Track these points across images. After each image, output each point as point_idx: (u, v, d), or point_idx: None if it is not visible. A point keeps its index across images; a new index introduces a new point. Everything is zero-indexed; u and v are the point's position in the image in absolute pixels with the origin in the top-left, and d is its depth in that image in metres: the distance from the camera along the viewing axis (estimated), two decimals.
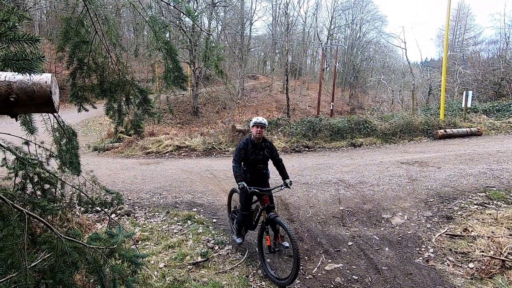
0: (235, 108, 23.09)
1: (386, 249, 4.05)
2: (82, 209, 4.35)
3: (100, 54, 2.58)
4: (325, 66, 30.63)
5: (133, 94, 2.65)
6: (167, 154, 11.20)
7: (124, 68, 2.73)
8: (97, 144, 13.50)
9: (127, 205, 5.37)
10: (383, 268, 3.62)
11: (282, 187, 3.72)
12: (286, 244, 3.73)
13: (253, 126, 3.81)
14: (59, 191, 3.19)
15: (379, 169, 7.35)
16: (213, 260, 3.71)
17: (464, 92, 13.98)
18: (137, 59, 21.23)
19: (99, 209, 4.38)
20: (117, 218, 4.87)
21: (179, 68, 2.17)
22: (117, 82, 2.63)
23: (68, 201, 3.70)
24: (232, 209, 4.50)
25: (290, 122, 13.23)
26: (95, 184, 3.42)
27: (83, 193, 3.27)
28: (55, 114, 2.27)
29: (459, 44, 35.56)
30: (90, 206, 3.45)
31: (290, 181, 3.79)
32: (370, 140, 11.75)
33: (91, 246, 1.94)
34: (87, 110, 2.91)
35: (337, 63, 26.39)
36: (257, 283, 3.33)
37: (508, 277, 3.23)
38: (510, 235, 3.88)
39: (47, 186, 2.88)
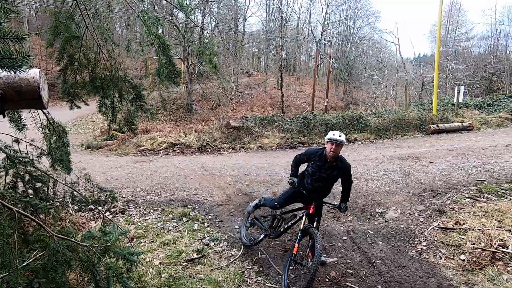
0: (230, 105, 23.00)
1: (380, 243, 4.10)
2: (75, 207, 4.29)
3: (92, 50, 2.53)
4: (319, 62, 30.64)
5: (126, 90, 2.61)
6: (161, 152, 11.12)
7: (116, 64, 2.69)
8: (90, 142, 13.34)
9: (121, 203, 5.33)
10: (377, 261, 3.67)
11: (334, 207, 3.47)
12: (323, 259, 3.46)
13: (327, 141, 3.30)
14: (51, 190, 3.15)
15: (373, 164, 7.42)
16: (208, 256, 3.71)
17: (456, 87, 14.13)
18: (129, 55, 20.97)
19: (93, 207, 4.34)
20: (111, 216, 4.83)
21: (172, 63, 2.13)
22: (109, 78, 2.59)
23: (60, 199, 3.66)
24: (254, 216, 4.12)
25: (285, 118, 13.24)
26: (88, 182, 3.38)
27: (76, 191, 3.23)
28: (44, 110, 2.23)
29: (451, 40, 35.86)
30: (83, 204, 3.41)
31: (346, 207, 3.43)
32: (364, 135, 11.83)
33: (85, 244, 1.92)
34: (79, 107, 2.86)
35: (331, 59, 26.44)
36: (252, 278, 3.34)
37: (498, 268, 3.30)
38: (500, 227, 3.96)
39: (38, 184, 2.84)
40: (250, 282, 3.27)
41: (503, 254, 3.43)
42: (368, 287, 3.24)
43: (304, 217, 3.39)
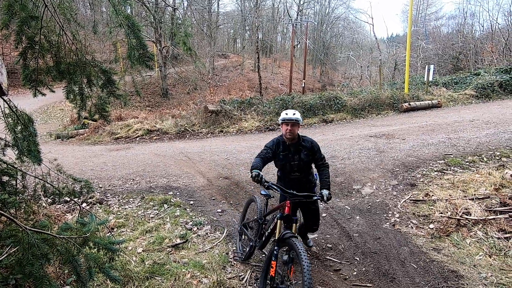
0: (207, 89, 22.51)
1: (357, 217, 4.31)
2: (49, 200, 4.12)
3: (53, 32, 2.35)
4: (295, 43, 30.48)
5: (95, 75, 2.47)
6: (137, 139, 10.80)
7: (82, 47, 2.52)
8: (59, 131, 12.66)
9: (98, 193, 5.18)
10: (354, 235, 3.87)
11: (315, 198, 2.76)
12: (310, 243, 3.24)
13: (281, 123, 2.95)
14: (20, 183, 2.99)
15: (349, 143, 7.65)
16: (192, 241, 3.73)
17: (426, 66, 14.64)
18: (96, 37, 19.71)
19: (68, 199, 4.19)
20: (88, 207, 4.70)
21: (144, 45, 2.02)
22: (75, 63, 2.42)
23: (32, 192, 3.49)
24: (244, 221, 3.61)
25: (263, 101, 13.19)
26: (61, 173, 3.23)
27: (48, 183, 3.09)
28: (5, 97, 2.07)
29: (422, 20, 36.80)
30: (57, 196, 3.27)
31: (329, 194, 2.75)
32: (341, 115, 12.10)
33: (62, 236, 1.86)
34: (44, 95, 2.67)
35: (308, 39, 26.34)
36: (237, 258, 3.42)
37: (462, 234, 3.60)
38: (465, 196, 4.28)
39: (5, 178, 2.68)
40: (235, 263, 3.35)
41: (466, 221, 3.73)
42: (346, 259, 3.42)
43: (277, 222, 2.66)
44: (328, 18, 38.69)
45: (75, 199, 3.56)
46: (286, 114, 2.94)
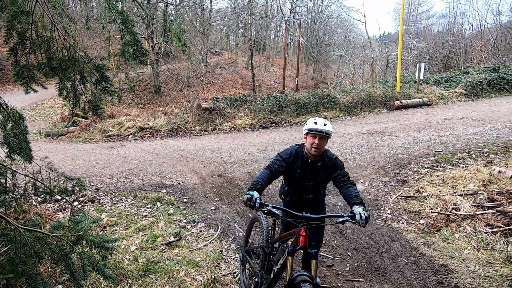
0: (199, 86, 22.37)
1: None
2: (40, 199, 4.06)
3: (45, 27, 2.30)
4: (289, 41, 30.51)
5: (88, 71, 2.43)
6: (129, 136, 10.68)
7: (75, 43, 2.48)
8: (49, 129, 12.43)
9: (90, 192, 5.12)
10: (347, 231, 3.93)
11: (343, 219, 2.05)
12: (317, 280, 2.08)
13: (307, 133, 2.28)
14: (10, 181, 2.94)
15: (342, 141, 7.72)
16: (186, 238, 3.73)
17: (417, 64, 14.84)
18: (88, 34, 19.37)
19: (59, 197, 4.13)
20: (80, 205, 4.64)
21: (138, 40, 1.99)
22: (68, 59, 2.39)
23: (22, 191, 3.43)
24: (248, 246, 2.92)
25: (256, 98, 13.20)
26: (52, 171, 3.19)
27: (39, 181, 3.04)
28: None
29: (413, 18, 37.22)
30: (48, 194, 3.22)
31: (367, 212, 2.05)
32: (334, 113, 12.19)
33: (55, 234, 1.85)
34: (36, 91, 2.62)
35: (301, 37, 26.38)
36: (231, 256, 3.43)
37: (452, 229, 3.69)
38: (454, 192, 4.38)
39: None
40: (229, 259, 3.36)
41: (456, 216, 3.82)
42: (339, 255, 3.47)
43: (288, 258, 2.00)
44: (321, 16, 38.82)
45: (67, 198, 3.52)
46: (315, 123, 2.24)
